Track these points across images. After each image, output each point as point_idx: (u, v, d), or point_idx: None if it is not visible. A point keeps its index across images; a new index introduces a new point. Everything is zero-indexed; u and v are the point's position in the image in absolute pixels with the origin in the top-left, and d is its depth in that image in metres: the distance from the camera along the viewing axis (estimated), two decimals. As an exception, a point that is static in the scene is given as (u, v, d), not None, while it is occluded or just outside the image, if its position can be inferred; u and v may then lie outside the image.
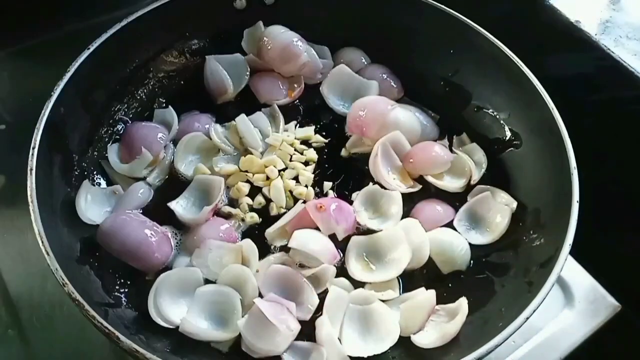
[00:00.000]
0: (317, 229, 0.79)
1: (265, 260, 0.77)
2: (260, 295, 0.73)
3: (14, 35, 1.11)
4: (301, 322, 0.71)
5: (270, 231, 0.80)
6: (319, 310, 0.73)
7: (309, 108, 0.97)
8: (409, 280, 0.78)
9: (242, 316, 0.71)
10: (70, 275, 0.63)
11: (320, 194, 0.86)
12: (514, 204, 0.83)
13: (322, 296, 0.75)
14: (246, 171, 0.86)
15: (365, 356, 0.70)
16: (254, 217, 0.83)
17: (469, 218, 0.84)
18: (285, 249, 0.79)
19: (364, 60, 1.01)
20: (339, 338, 0.71)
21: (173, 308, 0.72)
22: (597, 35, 0.97)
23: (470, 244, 0.81)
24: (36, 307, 0.82)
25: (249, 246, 0.77)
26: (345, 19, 0.99)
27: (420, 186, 0.87)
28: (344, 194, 0.86)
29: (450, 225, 0.83)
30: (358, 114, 0.89)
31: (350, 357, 0.70)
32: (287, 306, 0.71)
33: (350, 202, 0.84)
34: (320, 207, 0.78)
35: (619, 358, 0.97)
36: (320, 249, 0.76)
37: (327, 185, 0.87)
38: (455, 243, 0.80)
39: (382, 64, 1.00)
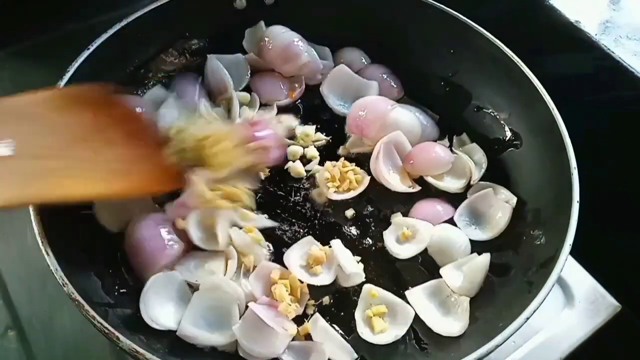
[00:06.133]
0: None
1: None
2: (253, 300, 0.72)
3: (14, 35, 1.11)
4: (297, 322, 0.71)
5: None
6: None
7: (309, 108, 0.97)
8: (409, 273, 0.79)
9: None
10: (70, 275, 0.63)
11: (314, 187, 0.87)
12: (514, 199, 0.83)
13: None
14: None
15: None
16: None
17: (470, 214, 0.84)
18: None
19: (364, 60, 1.01)
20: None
21: (160, 311, 0.70)
22: (597, 35, 0.97)
23: (470, 240, 0.81)
24: (36, 307, 0.82)
25: (232, 252, 0.76)
26: (346, 19, 0.99)
27: (420, 187, 0.87)
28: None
29: (450, 222, 0.83)
30: (358, 114, 0.89)
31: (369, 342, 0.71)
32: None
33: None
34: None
35: (619, 358, 0.97)
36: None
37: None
38: (455, 239, 0.80)
39: (382, 64, 1.00)
